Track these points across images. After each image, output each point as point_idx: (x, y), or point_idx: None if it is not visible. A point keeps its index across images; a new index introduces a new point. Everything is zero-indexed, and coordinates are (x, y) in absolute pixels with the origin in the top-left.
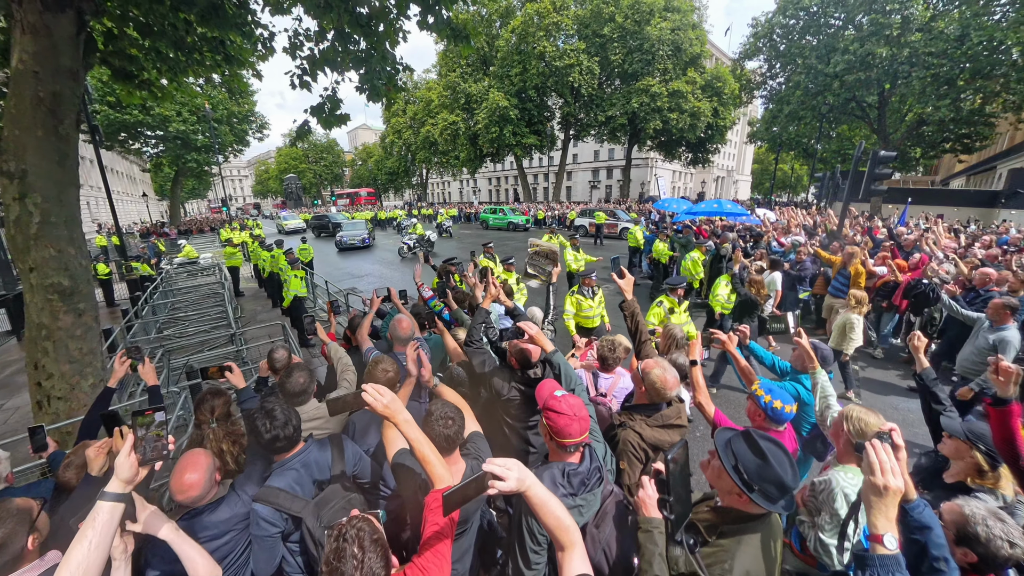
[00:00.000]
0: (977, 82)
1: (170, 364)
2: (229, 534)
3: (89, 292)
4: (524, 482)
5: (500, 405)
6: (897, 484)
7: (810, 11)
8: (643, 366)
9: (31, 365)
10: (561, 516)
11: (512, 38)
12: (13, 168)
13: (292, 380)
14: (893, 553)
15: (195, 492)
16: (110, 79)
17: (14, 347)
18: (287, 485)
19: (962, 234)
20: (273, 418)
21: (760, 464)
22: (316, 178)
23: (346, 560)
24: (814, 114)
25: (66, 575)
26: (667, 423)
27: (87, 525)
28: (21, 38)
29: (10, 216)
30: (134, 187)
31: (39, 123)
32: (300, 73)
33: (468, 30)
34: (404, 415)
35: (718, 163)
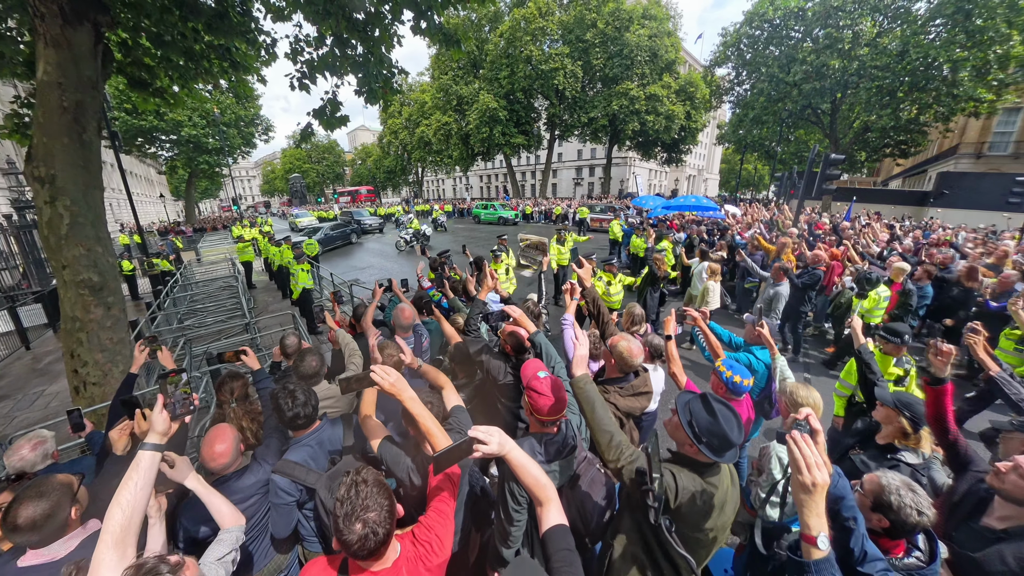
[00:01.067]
0: (914, 94)
1: (192, 351)
2: (253, 498)
3: (116, 287)
4: (504, 446)
5: (496, 388)
6: (823, 478)
7: (773, 23)
8: (610, 342)
9: (67, 354)
10: (538, 476)
11: (500, 42)
12: (44, 174)
13: (305, 363)
14: (826, 554)
15: (225, 460)
16: (126, 88)
17: (51, 339)
18: (303, 459)
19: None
20: (295, 398)
21: (710, 421)
22: (319, 177)
23: (358, 495)
24: (775, 119)
25: (117, 510)
26: (637, 392)
27: (132, 469)
28: (45, 51)
29: (43, 218)
30: (152, 189)
31: (64, 131)
32: (300, 76)
33: (459, 35)
34: (409, 392)
35: (690, 163)
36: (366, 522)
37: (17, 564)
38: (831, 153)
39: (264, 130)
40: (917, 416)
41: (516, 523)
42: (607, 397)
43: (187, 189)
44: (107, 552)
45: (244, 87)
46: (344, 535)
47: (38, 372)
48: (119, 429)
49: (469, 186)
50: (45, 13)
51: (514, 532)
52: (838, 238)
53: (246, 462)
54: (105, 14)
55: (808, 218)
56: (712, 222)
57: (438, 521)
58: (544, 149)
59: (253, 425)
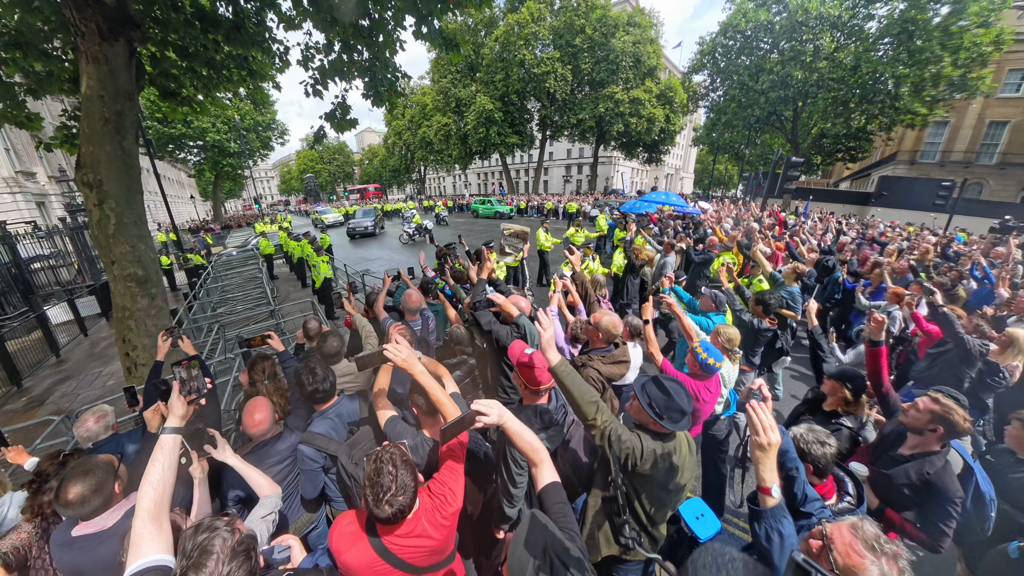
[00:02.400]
0: (863, 105)
1: (225, 336)
2: (287, 460)
3: (159, 279)
4: (502, 416)
5: (500, 351)
6: (776, 438)
7: (745, 34)
8: (593, 318)
9: (119, 339)
10: (531, 441)
11: (496, 46)
12: (91, 179)
13: (327, 344)
14: (778, 501)
15: (263, 427)
16: (157, 98)
17: (104, 326)
18: (325, 431)
19: (843, 224)
20: (315, 374)
21: (666, 400)
22: (330, 176)
23: (384, 475)
24: (744, 124)
25: (148, 489)
26: (617, 360)
27: (157, 452)
28: (87, 67)
29: (92, 220)
30: (183, 191)
31: (107, 139)
32: (313, 82)
33: (458, 39)
34: (419, 367)
35: (668, 162)
36: (393, 504)
37: (71, 534)
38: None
39: (280, 134)
40: (857, 387)
41: (518, 485)
42: (591, 364)
43: (214, 190)
44: (144, 527)
45: (261, 94)
46: (377, 513)
47: (95, 356)
48: (152, 410)
49: (468, 183)
50: (85, 31)
51: (516, 493)
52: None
53: (279, 430)
54: (137, 30)
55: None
56: (688, 217)
57: (450, 477)
58: (536, 148)
59: (282, 400)
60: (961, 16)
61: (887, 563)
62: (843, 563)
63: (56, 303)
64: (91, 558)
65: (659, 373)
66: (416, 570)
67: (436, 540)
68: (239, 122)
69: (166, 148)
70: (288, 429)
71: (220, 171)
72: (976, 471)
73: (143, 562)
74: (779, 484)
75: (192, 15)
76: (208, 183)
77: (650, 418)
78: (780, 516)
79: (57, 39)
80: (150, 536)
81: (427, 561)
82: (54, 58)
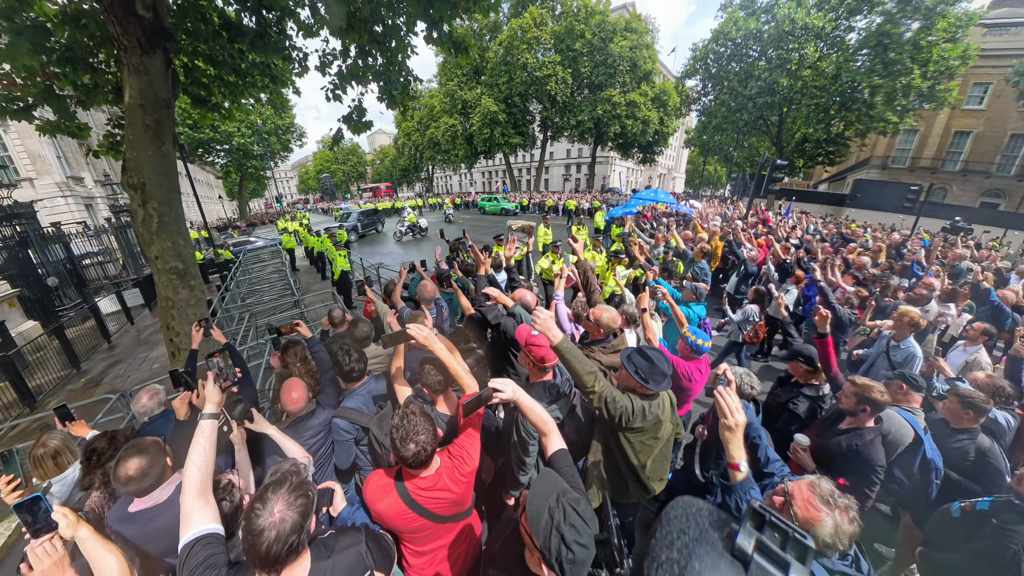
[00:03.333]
0: (842, 112)
1: (256, 324)
2: (321, 434)
3: (196, 272)
4: (516, 392)
5: (508, 341)
6: (742, 419)
7: (736, 42)
8: (594, 314)
9: (164, 327)
10: (541, 414)
11: (500, 50)
12: (136, 181)
13: (359, 329)
14: (746, 475)
15: (300, 404)
16: (189, 106)
17: (147, 315)
18: (357, 406)
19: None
20: (351, 355)
21: (649, 366)
22: (345, 176)
23: (407, 420)
24: (734, 127)
25: (193, 468)
26: (616, 349)
27: (198, 435)
28: (129, 78)
29: (137, 219)
30: (211, 191)
31: (148, 145)
32: (332, 88)
33: (466, 43)
34: (438, 345)
35: (661, 162)
36: (417, 442)
37: (128, 510)
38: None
39: (298, 136)
40: (809, 359)
41: (530, 454)
42: (592, 355)
43: (239, 190)
44: (193, 502)
45: (281, 98)
46: (401, 452)
47: (141, 342)
48: (179, 400)
49: (473, 181)
50: (127, 45)
51: (528, 461)
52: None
53: (313, 407)
54: (171, 41)
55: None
56: (679, 214)
57: (468, 442)
58: (538, 148)
59: (311, 381)
60: (930, 32)
61: (840, 515)
62: (802, 516)
63: (105, 295)
64: (150, 529)
65: (642, 345)
66: (438, 519)
67: (455, 493)
68: (261, 126)
69: (196, 152)
70: (320, 406)
71: (245, 172)
72: (925, 442)
73: (196, 531)
74: (746, 459)
75: (219, 26)
76: (234, 184)
77: (637, 383)
78: (748, 488)
79: (101, 53)
80: (199, 509)
81: (448, 511)
82: (99, 71)
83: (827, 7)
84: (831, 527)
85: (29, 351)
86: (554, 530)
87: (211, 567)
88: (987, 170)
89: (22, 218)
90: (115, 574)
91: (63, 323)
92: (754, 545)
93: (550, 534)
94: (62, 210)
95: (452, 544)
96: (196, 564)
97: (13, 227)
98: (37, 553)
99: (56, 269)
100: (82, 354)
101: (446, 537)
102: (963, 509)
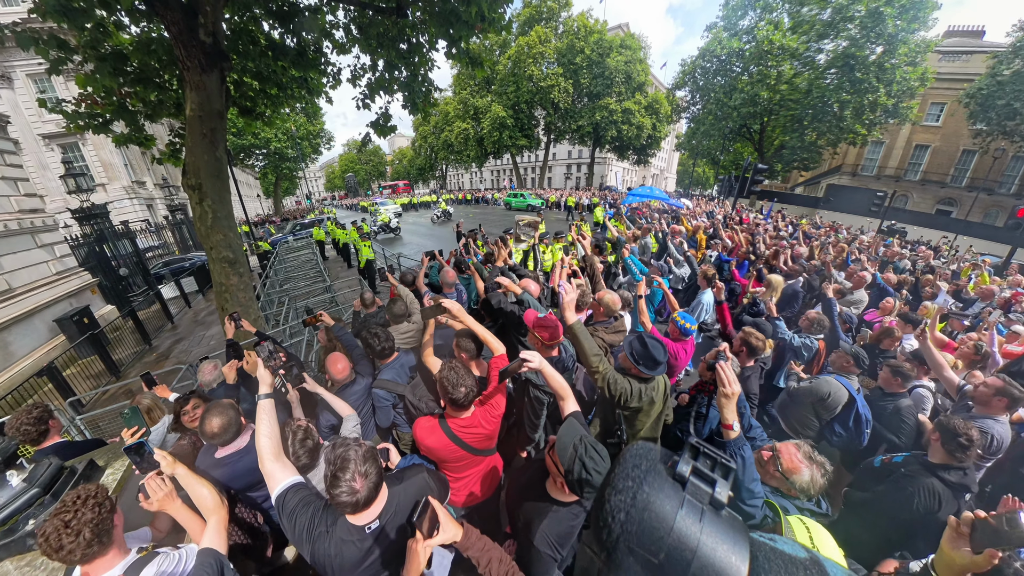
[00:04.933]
0: (814, 124)
1: (295, 306)
2: (363, 397)
3: (244, 261)
4: (542, 363)
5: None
6: (738, 388)
7: (720, 58)
8: (597, 296)
9: (219, 309)
10: (561, 381)
11: (508, 64)
12: (194, 183)
13: (396, 307)
14: (738, 434)
15: (345, 374)
16: (235, 116)
17: (201, 300)
18: (392, 377)
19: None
20: (378, 336)
21: (643, 352)
22: (367, 175)
23: (454, 372)
24: (720, 133)
25: (264, 439)
26: (617, 330)
27: (260, 413)
28: (189, 94)
29: (195, 215)
30: (251, 190)
31: (205, 150)
32: (363, 97)
33: (481, 58)
34: (468, 317)
35: (655, 164)
36: (467, 385)
37: (216, 456)
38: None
39: (327, 140)
40: (763, 332)
41: (540, 416)
42: (595, 333)
43: (275, 189)
44: (272, 464)
45: (314, 107)
46: (452, 395)
47: (199, 322)
48: (228, 366)
49: (483, 179)
50: (190, 66)
51: (537, 423)
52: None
53: (353, 376)
54: (227, 61)
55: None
56: (673, 209)
57: (496, 397)
58: (542, 150)
59: (348, 355)
60: (893, 55)
61: (816, 469)
62: (786, 466)
63: (167, 282)
64: (236, 470)
65: (642, 332)
66: (473, 451)
67: (487, 429)
68: (295, 132)
69: (239, 156)
70: (359, 375)
71: (280, 173)
72: (857, 399)
73: (283, 484)
74: (738, 421)
75: (265, 46)
76: (270, 184)
77: (631, 365)
78: (741, 444)
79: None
80: (280, 469)
81: (481, 445)
82: (165, 88)
83: (800, 31)
84: (808, 477)
85: (109, 331)
86: (578, 459)
87: (307, 505)
88: (942, 181)
89: (98, 218)
90: (209, 500)
91: (134, 307)
92: (690, 469)
93: (574, 462)
94: (128, 210)
95: (482, 472)
96: (293, 506)
97: (92, 226)
98: (151, 486)
99: (126, 261)
100: (152, 333)
101: (478, 467)
102: (883, 461)
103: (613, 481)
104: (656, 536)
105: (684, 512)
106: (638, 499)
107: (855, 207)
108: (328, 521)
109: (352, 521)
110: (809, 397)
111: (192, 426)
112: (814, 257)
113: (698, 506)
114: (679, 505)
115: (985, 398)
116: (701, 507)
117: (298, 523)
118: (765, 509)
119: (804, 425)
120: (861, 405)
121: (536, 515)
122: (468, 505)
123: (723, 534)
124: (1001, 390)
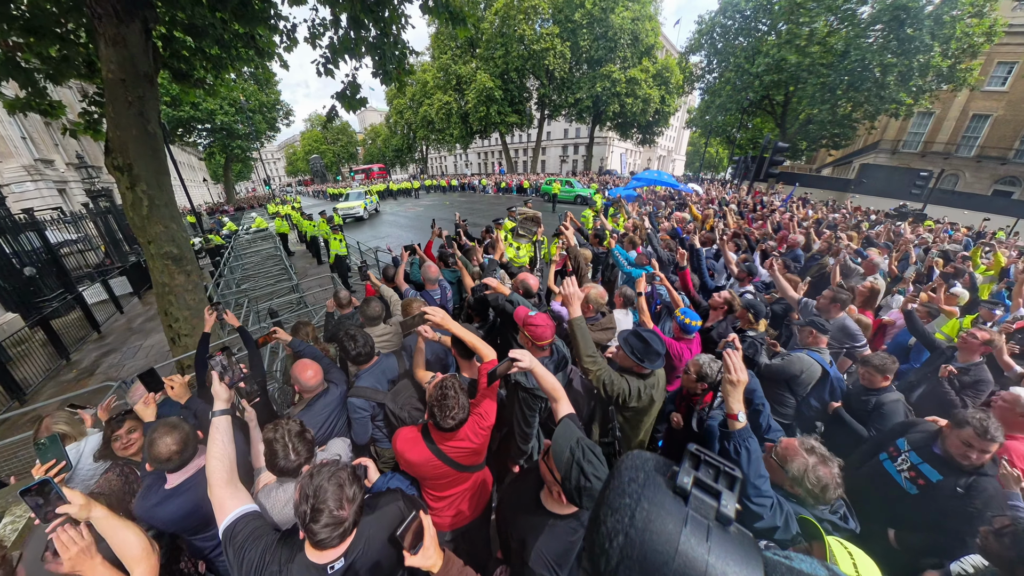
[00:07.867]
0: (850, 92)
1: (256, 308)
2: (337, 408)
3: (192, 257)
4: (532, 362)
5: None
6: (745, 377)
7: (744, 14)
8: (583, 290)
9: (162, 313)
10: (553, 382)
11: (496, 20)
12: (121, 163)
13: (371, 308)
14: (744, 425)
15: (316, 380)
16: (169, 81)
17: (137, 304)
18: (370, 384)
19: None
20: (355, 340)
21: (643, 346)
22: (335, 157)
23: (448, 397)
24: (738, 106)
25: (215, 462)
26: (604, 327)
27: (214, 431)
28: (106, 50)
29: (126, 202)
30: (195, 174)
31: (132, 124)
32: (324, 61)
33: (464, 13)
34: (454, 324)
35: (661, 144)
36: (455, 419)
37: (167, 487)
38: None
39: (285, 114)
40: (756, 312)
41: (531, 426)
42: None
43: (225, 173)
44: (223, 491)
45: (267, 73)
46: (442, 425)
47: (134, 330)
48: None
49: (468, 162)
50: (102, 13)
51: (529, 432)
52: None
53: (325, 386)
54: (151, 9)
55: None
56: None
57: (486, 403)
58: (535, 128)
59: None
60: (954, 5)
61: (815, 459)
62: (780, 452)
63: (90, 284)
64: (199, 495)
65: (637, 327)
66: (459, 467)
67: (475, 444)
68: (245, 103)
69: (176, 132)
70: (333, 383)
71: (230, 153)
72: (831, 372)
73: (235, 513)
74: (744, 412)
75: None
76: (218, 166)
77: (633, 363)
78: (747, 436)
79: (69, 22)
80: (229, 496)
81: (467, 461)
82: (69, 42)
83: None
84: (800, 464)
85: (10, 344)
86: (575, 464)
87: (258, 539)
88: (1004, 156)
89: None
90: (137, 549)
91: (46, 314)
92: (692, 481)
93: (571, 468)
94: (32, 195)
95: (468, 491)
96: (243, 539)
97: None
98: (63, 540)
99: (32, 258)
100: (71, 344)
101: (463, 485)
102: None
103: (608, 499)
104: (660, 561)
105: (688, 531)
106: (637, 518)
107: (893, 189)
108: (282, 558)
109: (312, 559)
110: (782, 375)
111: (126, 454)
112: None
113: (703, 523)
114: (683, 523)
115: (824, 305)
116: (707, 523)
117: (246, 559)
118: (796, 526)
119: (780, 403)
120: (835, 377)
121: (531, 532)
122: (455, 528)
123: (733, 554)
124: (833, 298)
